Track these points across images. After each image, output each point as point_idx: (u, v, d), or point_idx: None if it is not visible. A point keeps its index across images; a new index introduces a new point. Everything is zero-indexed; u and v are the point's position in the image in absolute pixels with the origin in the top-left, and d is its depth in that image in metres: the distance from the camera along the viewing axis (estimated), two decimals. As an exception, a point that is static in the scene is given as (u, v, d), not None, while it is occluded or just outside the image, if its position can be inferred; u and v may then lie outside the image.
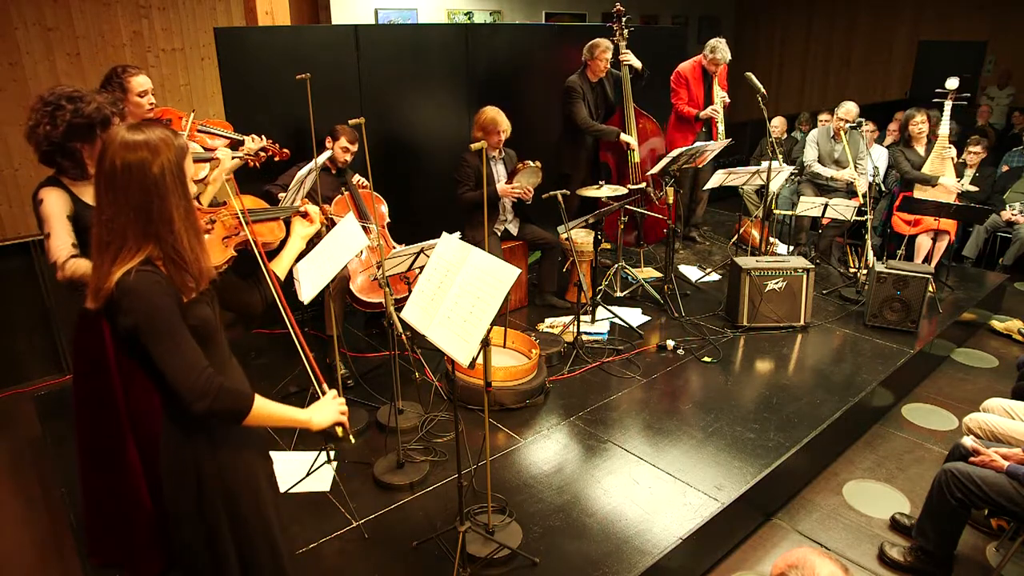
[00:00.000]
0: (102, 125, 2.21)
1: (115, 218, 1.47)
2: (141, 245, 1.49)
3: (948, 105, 5.21)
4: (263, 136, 3.56)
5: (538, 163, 4.22)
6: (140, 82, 3.00)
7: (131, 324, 1.47)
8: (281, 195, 3.71)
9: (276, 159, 3.64)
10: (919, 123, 5.45)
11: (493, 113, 4.26)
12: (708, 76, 5.48)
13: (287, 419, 1.67)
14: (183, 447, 1.66)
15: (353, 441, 1.78)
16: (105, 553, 2.52)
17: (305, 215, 2.08)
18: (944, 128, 5.26)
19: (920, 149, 5.48)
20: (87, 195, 2.25)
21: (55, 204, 2.17)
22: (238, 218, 1.88)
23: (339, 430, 1.72)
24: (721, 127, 5.47)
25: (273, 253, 2.03)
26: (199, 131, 3.30)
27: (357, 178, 4.25)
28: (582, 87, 4.97)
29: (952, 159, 5.33)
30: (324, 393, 1.75)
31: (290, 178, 3.52)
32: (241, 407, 1.56)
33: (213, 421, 1.61)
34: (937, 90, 5.23)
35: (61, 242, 2.16)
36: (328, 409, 1.72)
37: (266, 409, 1.61)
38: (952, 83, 5.17)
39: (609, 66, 5.01)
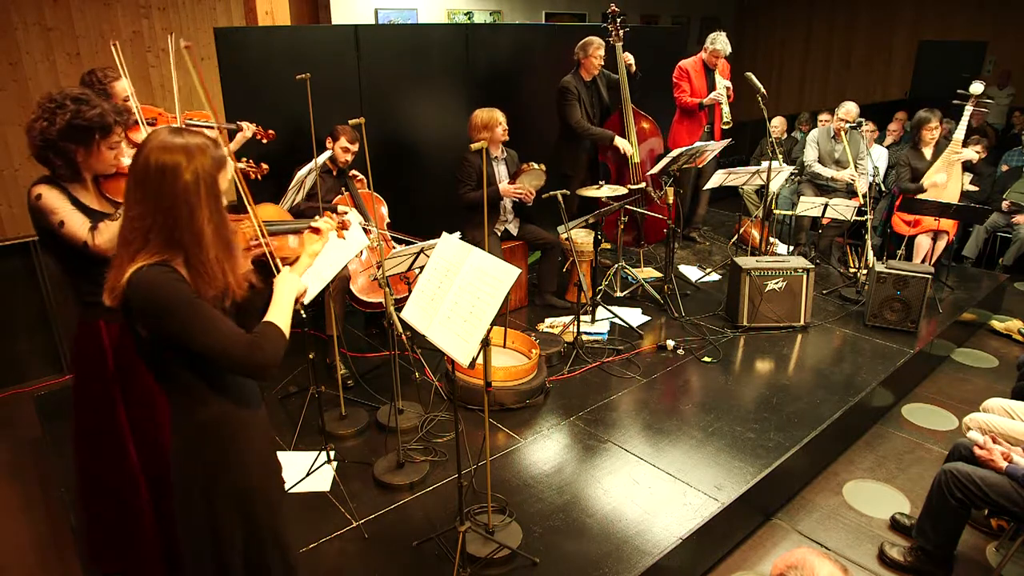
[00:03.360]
0: (102, 132, 2.15)
1: (141, 217, 1.44)
2: (164, 251, 1.45)
3: (968, 110, 4.97)
4: (251, 122, 3.53)
5: (542, 166, 4.22)
6: (124, 86, 2.92)
7: (152, 320, 1.44)
8: (296, 199, 3.70)
9: (264, 142, 3.62)
10: (933, 129, 5.23)
11: (486, 112, 4.25)
12: (710, 70, 5.49)
13: (290, 305, 1.69)
14: (195, 455, 1.63)
15: (304, 316, 1.91)
16: (107, 561, 2.50)
17: (317, 231, 1.97)
18: (959, 133, 5.06)
19: (927, 151, 5.33)
20: (84, 197, 2.21)
21: (55, 197, 2.13)
22: (255, 229, 1.81)
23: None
24: (726, 107, 5.45)
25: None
26: (187, 124, 3.24)
27: (359, 178, 4.25)
28: (577, 87, 4.95)
29: (960, 164, 5.15)
30: (279, 271, 1.77)
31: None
32: (282, 342, 1.59)
33: (242, 410, 1.64)
34: (959, 91, 5.00)
35: (77, 221, 2.12)
36: (292, 279, 1.74)
37: (283, 320, 1.63)
38: (976, 87, 4.91)
39: (602, 64, 5.01)
